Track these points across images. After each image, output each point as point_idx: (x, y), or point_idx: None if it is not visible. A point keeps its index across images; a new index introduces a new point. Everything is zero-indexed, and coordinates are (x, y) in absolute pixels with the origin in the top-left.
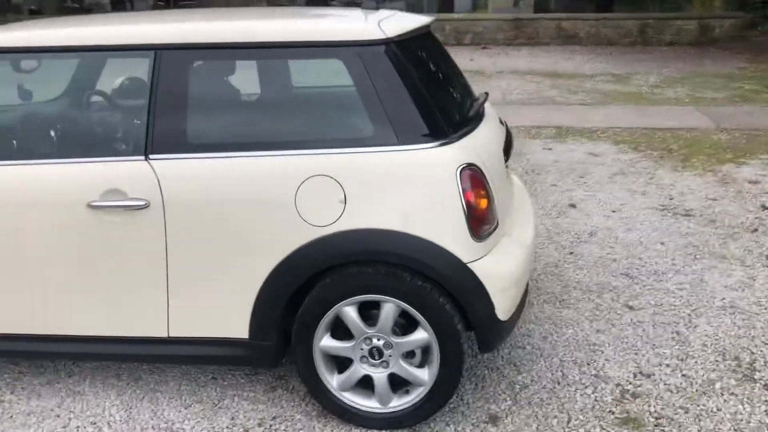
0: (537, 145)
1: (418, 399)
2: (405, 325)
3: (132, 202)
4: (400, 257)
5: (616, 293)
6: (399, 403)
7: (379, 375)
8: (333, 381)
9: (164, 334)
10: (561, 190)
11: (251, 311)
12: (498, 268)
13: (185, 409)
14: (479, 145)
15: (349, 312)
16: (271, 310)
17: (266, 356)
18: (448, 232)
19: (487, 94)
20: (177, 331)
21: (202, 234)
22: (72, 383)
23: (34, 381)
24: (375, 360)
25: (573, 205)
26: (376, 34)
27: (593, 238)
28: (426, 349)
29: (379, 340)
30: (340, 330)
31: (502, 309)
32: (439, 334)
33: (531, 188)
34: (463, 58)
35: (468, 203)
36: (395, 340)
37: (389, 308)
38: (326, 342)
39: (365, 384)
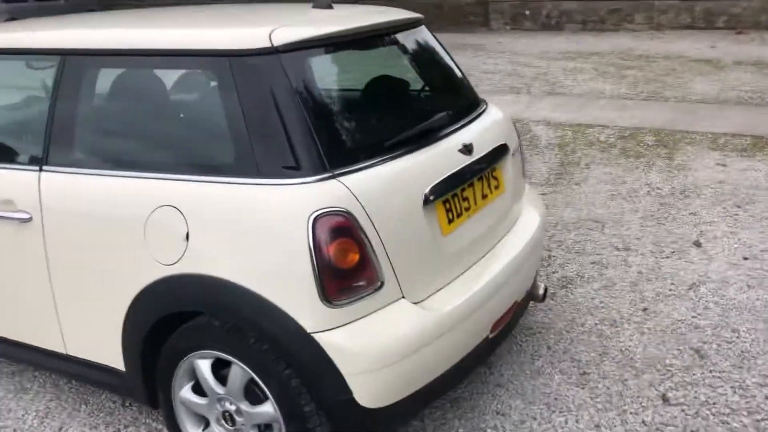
0: (712, 158)
1: None
2: (257, 393)
3: (19, 215)
4: (234, 315)
5: (661, 375)
6: None
7: None
8: None
9: (62, 351)
10: (698, 221)
11: (121, 343)
12: (359, 343)
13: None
14: (389, 180)
15: (201, 366)
16: (133, 347)
17: (141, 394)
18: (292, 292)
19: (486, 103)
20: (72, 350)
21: (74, 254)
22: None
23: None
24: (228, 425)
25: (698, 243)
26: (255, 43)
27: (690, 292)
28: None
29: (231, 404)
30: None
31: (368, 395)
32: (284, 412)
33: (659, 214)
34: (701, 45)
35: (322, 259)
36: (244, 408)
37: (236, 371)
38: (185, 393)
39: None
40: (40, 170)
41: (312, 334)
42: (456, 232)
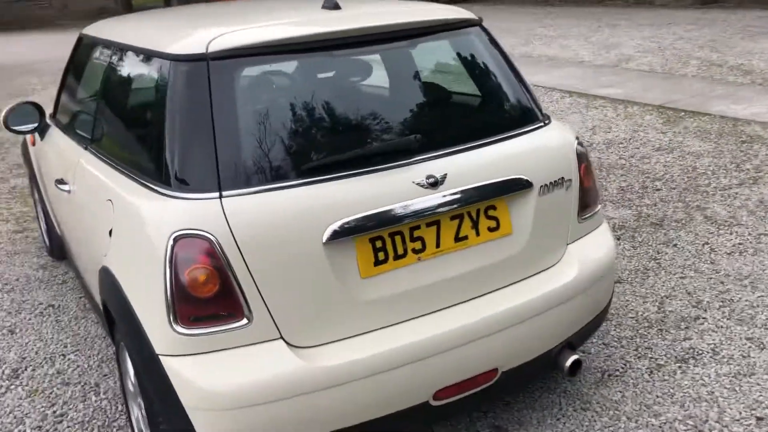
0: None
1: None
2: None
3: None
4: (119, 319)
5: None
6: None
7: None
8: None
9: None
10: None
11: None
12: (206, 376)
13: None
14: (279, 209)
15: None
16: (103, 319)
17: None
18: (150, 309)
19: (544, 121)
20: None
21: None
22: None
23: None
24: None
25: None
26: (193, 48)
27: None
28: None
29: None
30: None
31: None
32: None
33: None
34: None
35: (177, 281)
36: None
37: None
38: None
39: None
40: None
41: (159, 356)
42: (387, 276)
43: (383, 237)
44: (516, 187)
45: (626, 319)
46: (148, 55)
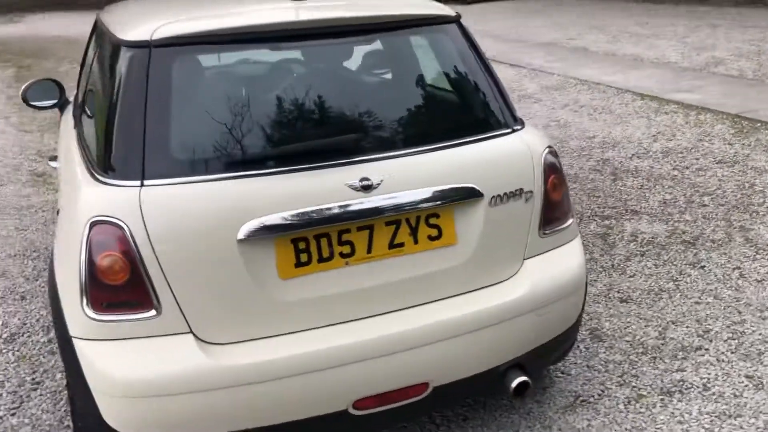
0: None
1: None
2: None
3: None
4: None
5: None
6: None
7: None
8: None
9: None
10: None
11: None
12: (109, 362)
13: None
14: (196, 201)
15: None
16: None
17: None
18: (69, 291)
19: (514, 128)
20: None
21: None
22: None
23: None
24: None
25: None
26: (141, 35)
27: None
28: None
29: None
30: None
31: (117, 419)
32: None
33: None
34: None
35: (90, 266)
36: None
37: None
38: None
39: None
40: None
41: (73, 339)
42: (309, 279)
43: (307, 238)
44: (462, 196)
45: (620, 342)
46: (112, 41)
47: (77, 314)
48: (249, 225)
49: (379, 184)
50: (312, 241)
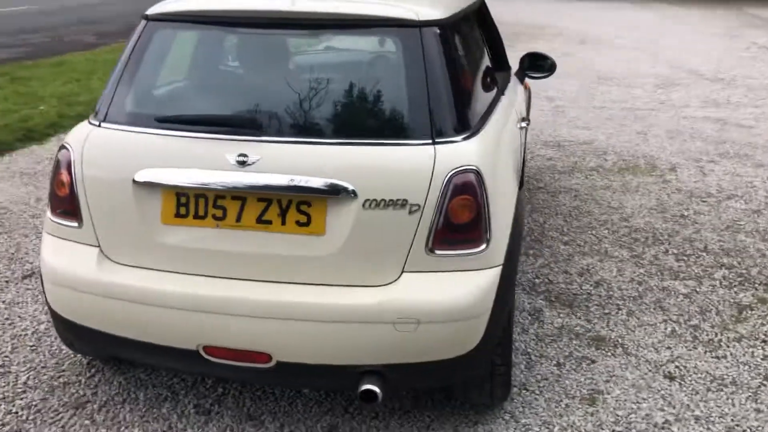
0: None
1: None
2: None
3: None
4: None
5: None
6: None
7: None
8: None
9: None
10: None
11: None
12: (44, 257)
13: None
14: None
15: None
16: None
17: None
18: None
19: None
20: None
21: None
22: None
23: None
24: None
25: None
26: (149, 10)
27: None
28: None
29: None
30: None
31: (54, 302)
32: None
33: None
34: None
35: (52, 180)
36: None
37: None
38: None
39: None
40: None
41: (43, 233)
42: (183, 230)
43: (188, 195)
44: (333, 192)
45: None
46: None
47: (47, 215)
48: (143, 172)
49: (253, 163)
50: (192, 198)
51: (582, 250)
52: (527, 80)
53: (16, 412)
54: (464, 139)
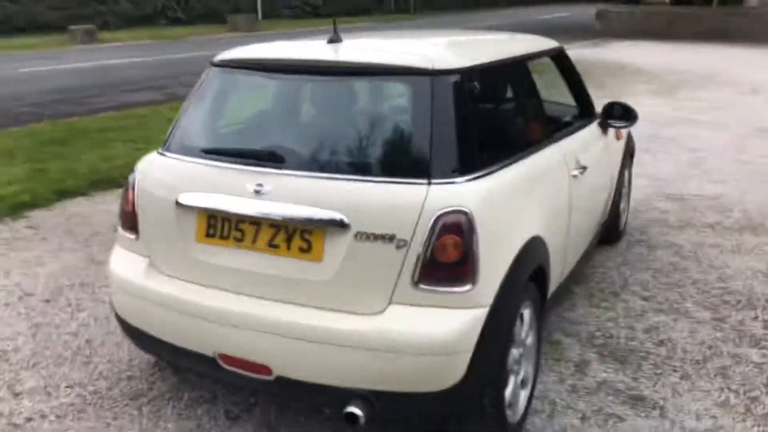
0: None
1: None
2: None
3: None
4: None
5: None
6: None
7: None
8: None
9: None
10: None
11: None
12: (111, 267)
13: None
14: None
15: None
16: None
17: None
18: None
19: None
20: None
21: None
22: None
23: None
24: None
25: None
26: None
27: None
28: None
29: None
30: None
31: (116, 305)
32: None
33: None
34: None
35: (122, 202)
36: None
37: None
38: None
39: None
40: None
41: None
42: (212, 248)
43: (216, 217)
44: (328, 223)
45: None
46: None
47: (118, 227)
48: (185, 195)
49: (267, 192)
50: (219, 220)
51: (659, 307)
52: (623, 130)
53: (84, 396)
54: (468, 181)
